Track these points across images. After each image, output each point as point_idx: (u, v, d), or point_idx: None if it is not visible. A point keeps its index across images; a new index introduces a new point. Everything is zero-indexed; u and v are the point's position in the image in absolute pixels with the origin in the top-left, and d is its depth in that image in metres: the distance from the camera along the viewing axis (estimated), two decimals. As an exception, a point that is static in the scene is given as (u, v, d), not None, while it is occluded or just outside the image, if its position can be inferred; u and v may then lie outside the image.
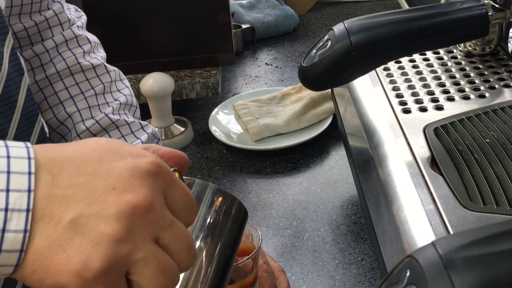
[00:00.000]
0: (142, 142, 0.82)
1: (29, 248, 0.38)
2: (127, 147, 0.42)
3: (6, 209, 0.37)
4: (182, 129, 1.13)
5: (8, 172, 0.38)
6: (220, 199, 0.49)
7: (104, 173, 0.40)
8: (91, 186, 0.39)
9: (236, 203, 0.50)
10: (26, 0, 0.74)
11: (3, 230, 0.37)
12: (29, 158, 0.39)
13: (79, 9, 0.87)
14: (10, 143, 0.40)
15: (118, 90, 0.84)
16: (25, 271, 0.38)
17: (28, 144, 0.40)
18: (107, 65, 0.84)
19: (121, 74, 0.86)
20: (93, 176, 0.39)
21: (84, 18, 0.86)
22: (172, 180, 0.42)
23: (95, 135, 0.78)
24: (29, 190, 0.38)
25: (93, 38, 0.85)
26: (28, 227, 0.37)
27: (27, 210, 0.37)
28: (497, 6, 0.66)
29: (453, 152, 0.64)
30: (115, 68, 0.85)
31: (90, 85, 0.81)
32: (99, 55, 0.84)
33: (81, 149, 0.41)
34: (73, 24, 0.82)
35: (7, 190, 0.37)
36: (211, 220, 0.48)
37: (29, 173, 0.38)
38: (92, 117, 0.78)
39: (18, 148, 0.39)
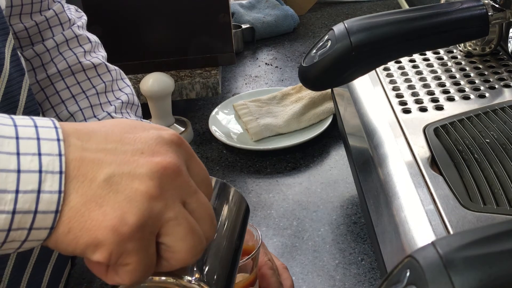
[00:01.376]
0: None
1: (65, 207, 0.38)
2: (146, 123, 0.44)
3: (40, 171, 0.37)
4: (182, 129, 1.13)
5: (38, 139, 0.39)
6: (226, 192, 0.51)
7: (131, 140, 0.41)
8: (120, 150, 0.40)
9: (240, 197, 0.51)
10: (26, 0, 0.74)
11: (39, 191, 0.37)
12: (55, 128, 0.40)
13: (79, 10, 0.87)
14: (34, 117, 0.41)
15: (120, 89, 0.84)
16: (60, 231, 0.38)
17: (51, 118, 0.41)
18: (108, 64, 0.84)
19: (122, 73, 0.86)
20: (120, 143, 0.41)
21: (84, 18, 0.86)
22: (192, 153, 0.44)
23: None
24: (60, 154, 0.38)
25: (93, 37, 0.85)
26: (62, 188, 0.38)
27: (60, 172, 0.38)
28: (497, 6, 0.66)
29: (453, 152, 0.64)
30: (116, 67, 0.86)
31: (92, 84, 0.81)
32: (100, 55, 0.84)
33: (102, 124, 0.42)
34: (73, 24, 0.83)
35: (39, 154, 0.38)
36: (219, 210, 0.49)
37: (58, 140, 0.39)
38: (95, 116, 0.78)
39: (43, 120, 0.40)
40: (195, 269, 0.45)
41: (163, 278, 0.43)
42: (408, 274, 0.36)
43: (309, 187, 0.97)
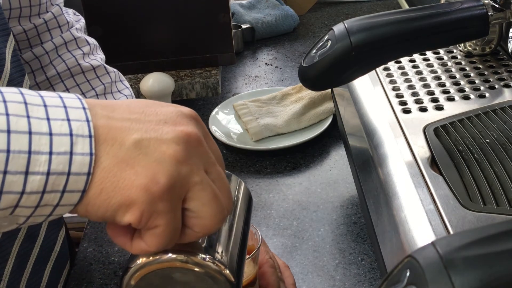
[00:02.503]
0: None
1: (96, 169, 0.39)
2: (162, 102, 0.45)
3: (71, 134, 0.38)
4: (182, 129, 1.13)
5: (65, 107, 0.39)
6: (232, 181, 0.52)
7: (153, 112, 0.42)
8: (144, 120, 0.41)
9: (243, 186, 0.53)
10: (24, 3, 0.74)
11: (71, 153, 0.38)
12: (79, 99, 0.41)
13: (77, 13, 0.87)
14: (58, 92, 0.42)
15: (119, 91, 0.84)
16: (92, 193, 0.39)
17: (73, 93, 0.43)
18: (107, 66, 0.84)
19: (121, 75, 0.87)
20: (143, 114, 0.42)
21: (82, 21, 0.86)
22: (207, 131, 0.45)
23: None
24: (87, 120, 0.39)
25: (92, 40, 0.85)
26: (93, 151, 0.39)
27: (90, 136, 0.39)
28: (497, 6, 0.66)
29: (453, 152, 0.64)
30: (115, 69, 0.86)
31: (91, 86, 0.81)
32: (99, 57, 0.84)
33: (121, 101, 0.43)
34: (72, 27, 0.83)
35: (68, 120, 0.39)
36: None
37: (84, 108, 0.40)
38: None
39: (66, 93, 0.41)
40: (208, 248, 0.45)
41: (174, 255, 0.43)
42: (408, 274, 0.36)
43: (309, 187, 0.97)
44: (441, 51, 0.87)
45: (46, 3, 0.77)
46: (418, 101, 0.75)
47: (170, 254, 0.43)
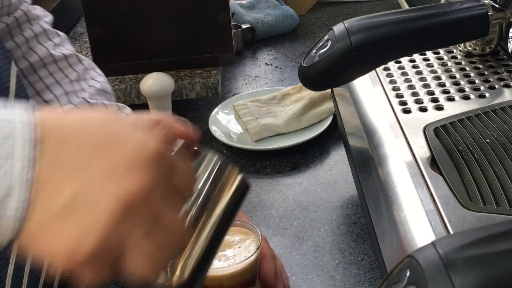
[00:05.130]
0: None
1: (28, 221, 0.38)
2: (132, 121, 0.42)
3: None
4: (182, 129, 1.13)
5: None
6: (222, 170, 0.49)
7: (107, 153, 0.39)
8: (91, 167, 0.39)
9: (238, 176, 0.49)
10: None
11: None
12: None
13: (44, 10, 0.88)
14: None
15: (93, 78, 0.85)
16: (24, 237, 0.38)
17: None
18: (79, 54, 0.85)
19: (93, 64, 0.87)
20: (95, 155, 0.39)
21: (50, 16, 0.87)
22: (175, 162, 0.42)
23: None
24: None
25: (62, 33, 0.86)
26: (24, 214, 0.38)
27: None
28: (497, 6, 0.67)
29: (453, 152, 0.64)
30: (86, 58, 0.86)
31: (64, 74, 0.82)
32: (70, 47, 0.85)
33: (81, 122, 0.41)
34: (41, 20, 0.83)
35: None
36: (209, 191, 0.48)
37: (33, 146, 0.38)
38: (70, 102, 0.79)
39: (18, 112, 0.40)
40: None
41: None
42: (408, 274, 0.36)
43: (309, 187, 0.97)
44: (441, 51, 0.87)
45: (15, 4, 0.78)
46: (418, 101, 0.75)
47: None
